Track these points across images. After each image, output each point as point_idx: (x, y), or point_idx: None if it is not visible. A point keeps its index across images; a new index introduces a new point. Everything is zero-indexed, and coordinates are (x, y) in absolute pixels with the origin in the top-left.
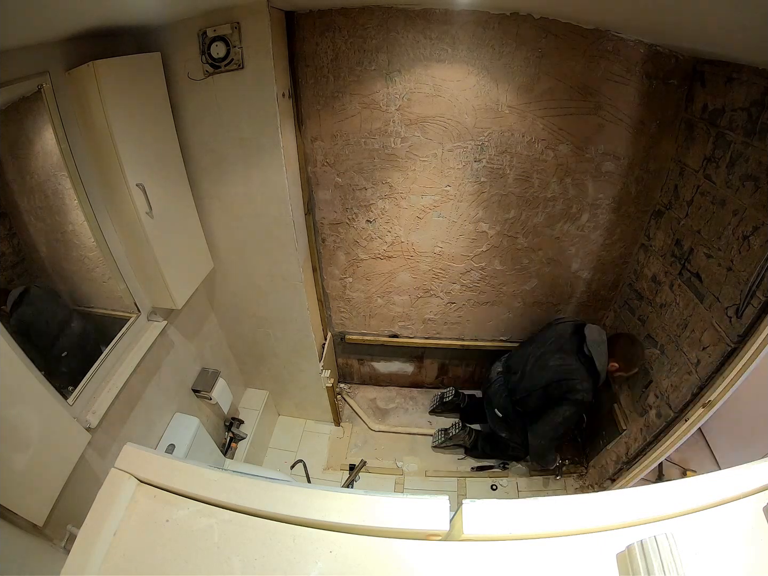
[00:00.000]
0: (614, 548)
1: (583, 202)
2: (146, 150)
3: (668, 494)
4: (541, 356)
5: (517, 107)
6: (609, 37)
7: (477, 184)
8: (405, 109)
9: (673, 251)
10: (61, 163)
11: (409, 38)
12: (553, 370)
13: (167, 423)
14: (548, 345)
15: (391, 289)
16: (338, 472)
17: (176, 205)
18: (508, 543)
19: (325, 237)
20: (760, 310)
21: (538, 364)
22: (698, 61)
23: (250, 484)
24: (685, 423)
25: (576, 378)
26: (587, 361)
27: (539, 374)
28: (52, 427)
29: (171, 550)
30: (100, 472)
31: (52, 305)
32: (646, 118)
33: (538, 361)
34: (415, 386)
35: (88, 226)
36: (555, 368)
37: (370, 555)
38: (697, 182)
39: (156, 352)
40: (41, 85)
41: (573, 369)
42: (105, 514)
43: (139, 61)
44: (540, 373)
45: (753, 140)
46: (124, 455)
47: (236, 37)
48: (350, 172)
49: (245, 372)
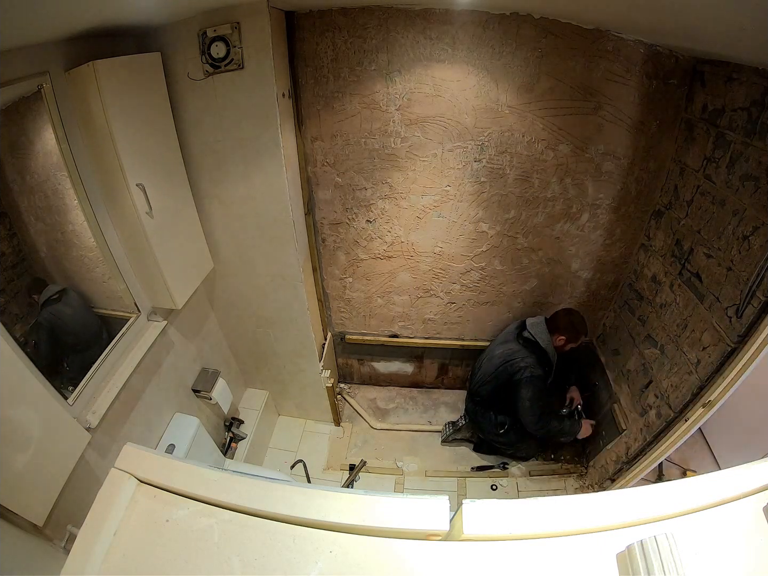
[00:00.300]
0: (614, 548)
1: (583, 202)
2: (146, 150)
3: (668, 494)
4: (490, 351)
5: (517, 107)
6: (609, 37)
7: (477, 184)
8: (405, 109)
9: (673, 251)
10: (61, 163)
11: (409, 38)
12: (497, 357)
13: (167, 423)
14: (496, 343)
15: (391, 289)
16: (338, 472)
17: (176, 205)
18: (508, 543)
19: (325, 237)
20: (760, 310)
21: (487, 357)
22: (698, 61)
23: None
24: (685, 423)
25: (517, 357)
26: (530, 343)
27: (488, 365)
28: (52, 427)
29: (171, 550)
30: (100, 472)
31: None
32: (646, 118)
33: (488, 356)
34: (415, 386)
35: (88, 226)
36: (499, 355)
37: (370, 555)
38: (697, 182)
39: (156, 352)
40: (41, 85)
41: (514, 350)
42: (105, 514)
43: (139, 61)
44: (489, 364)
45: (753, 140)
46: (124, 455)
47: (236, 37)
48: (350, 172)
49: (245, 372)
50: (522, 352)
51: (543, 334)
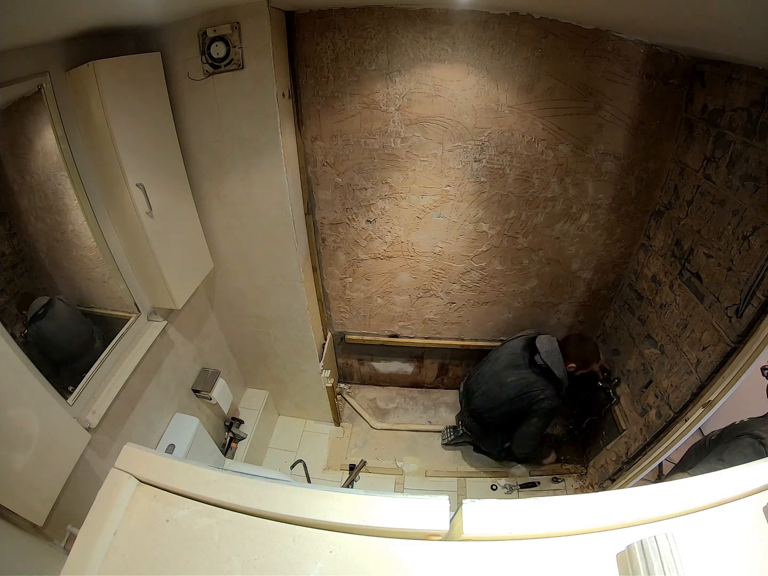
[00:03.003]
0: (614, 548)
1: (583, 202)
2: (146, 150)
3: (668, 494)
4: (496, 374)
5: (517, 107)
6: (609, 37)
7: (477, 184)
8: (405, 109)
9: (673, 251)
10: (61, 163)
11: (409, 38)
12: (511, 386)
13: (167, 423)
14: (501, 363)
15: (391, 289)
16: (338, 472)
17: (176, 205)
18: (508, 543)
19: (325, 237)
20: (760, 310)
21: (495, 381)
22: (698, 61)
23: (250, 484)
24: (685, 423)
25: (536, 389)
26: (544, 370)
27: (498, 391)
28: (52, 427)
29: (171, 550)
30: (100, 472)
31: (76, 324)
32: (646, 118)
33: (494, 379)
34: (415, 386)
35: (88, 226)
36: (513, 384)
37: (370, 555)
38: (697, 182)
39: (156, 352)
40: (41, 85)
41: (531, 381)
42: (105, 514)
43: (139, 61)
44: (499, 390)
45: (753, 140)
46: (124, 455)
47: (236, 37)
48: (350, 172)
49: (245, 372)
50: (540, 383)
51: (559, 364)
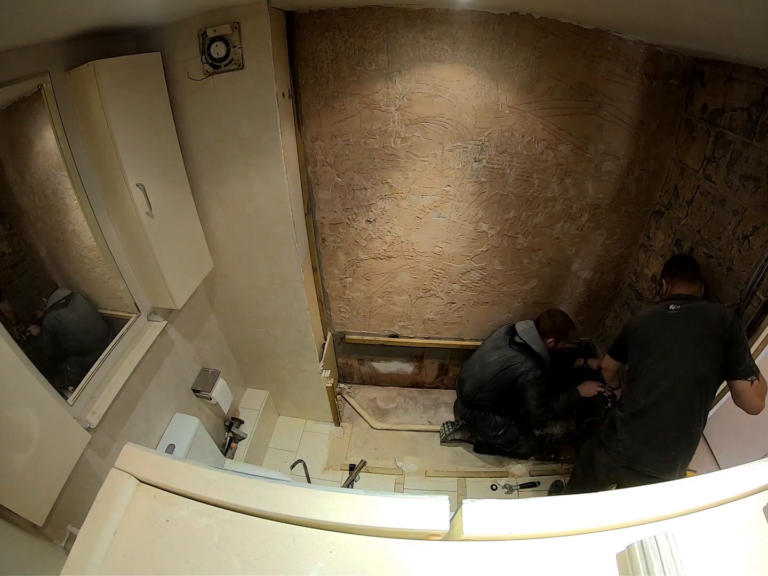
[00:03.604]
0: (614, 548)
1: (583, 202)
2: (146, 150)
3: (668, 494)
4: (481, 358)
5: (517, 107)
6: (609, 37)
7: (477, 184)
8: (405, 109)
9: (673, 251)
10: (61, 163)
11: (409, 38)
12: (493, 363)
13: (167, 423)
14: (485, 348)
15: (391, 289)
16: (338, 472)
17: (176, 205)
18: (508, 543)
19: (325, 237)
20: (760, 310)
21: (480, 364)
22: (698, 61)
23: (250, 484)
24: None
25: (516, 362)
26: (523, 348)
27: (483, 372)
28: (52, 427)
29: (171, 550)
30: (100, 472)
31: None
32: (646, 118)
33: (479, 363)
34: (415, 386)
35: (88, 226)
36: (494, 362)
37: (370, 555)
38: (697, 182)
39: (156, 352)
40: (41, 85)
41: (510, 356)
42: (105, 514)
43: (139, 61)
44: (483, 371)
45: (753, 140)
46: (124, 455)
47: (236, 37)
48: (350, 172)
49: (245, 372)
50: (519, 357)
51: (536, 340)
